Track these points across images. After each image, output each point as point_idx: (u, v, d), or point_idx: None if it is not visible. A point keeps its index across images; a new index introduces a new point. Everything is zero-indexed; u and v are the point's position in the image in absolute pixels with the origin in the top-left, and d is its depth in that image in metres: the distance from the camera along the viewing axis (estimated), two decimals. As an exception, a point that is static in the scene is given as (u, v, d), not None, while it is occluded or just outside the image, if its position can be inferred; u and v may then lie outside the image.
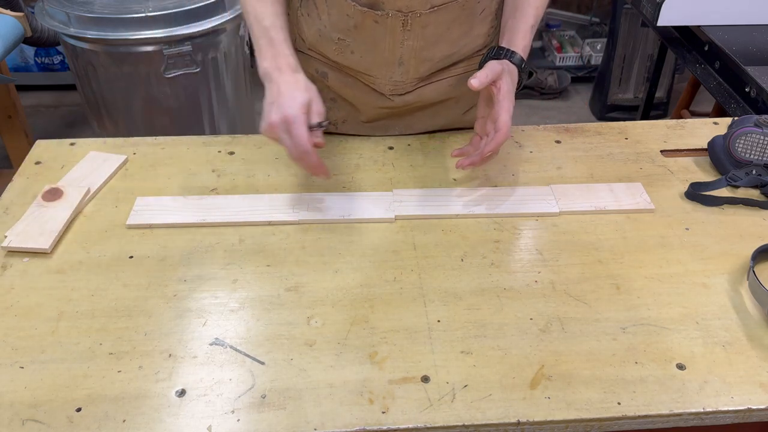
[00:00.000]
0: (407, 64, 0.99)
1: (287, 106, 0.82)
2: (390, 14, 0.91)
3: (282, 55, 0.88)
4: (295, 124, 0.82)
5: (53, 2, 1.84)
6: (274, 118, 0.83)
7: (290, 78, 0.86)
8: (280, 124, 0.83)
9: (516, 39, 0.93)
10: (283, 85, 0.85)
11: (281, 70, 0.86)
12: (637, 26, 2.71)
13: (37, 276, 0.82)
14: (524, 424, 0.66)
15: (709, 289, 0.81)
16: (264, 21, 0.89)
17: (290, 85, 0.85)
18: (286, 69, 0.87)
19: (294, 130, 0.82)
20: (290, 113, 0.82)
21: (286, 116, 0.82)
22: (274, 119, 0.83)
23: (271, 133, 0.84)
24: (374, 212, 0.92)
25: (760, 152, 0.97)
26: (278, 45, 0.88)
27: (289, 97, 0.83)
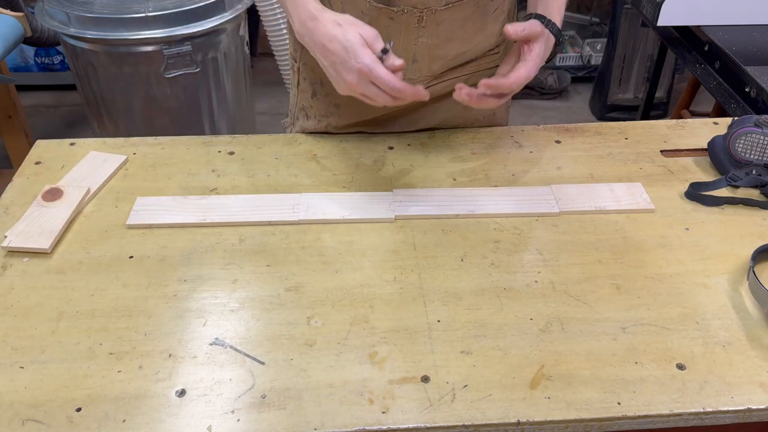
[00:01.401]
0: (421, 61, 0.99)
1: (353, 60, 0.78)
2: (405, 11, 0.91)
3: (304, 4, 0.83)
4: (373, 71, 0.77)
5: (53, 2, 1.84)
6: (351, 80, 0.79)
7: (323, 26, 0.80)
8: (361, 82, 0.78)
9: (552, 10, 0.90)
10: (326, 41, 0.80)
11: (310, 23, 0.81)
12: (637, 26, 2.71)
13: (37, 276, 0.82)
14: (524, 424, 0.66)
15: (709, 289, 0.81)
16: None
17: (330, 34, 0.80)
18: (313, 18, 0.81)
19: (377, 77, 0.78)
20: (361, 65, 0.77)
21: (359, 70, 0.78)
22: (351, 81, 0.79)
23: (356, 92, 0.80)
24: (374, 212, 0.92)
25: (760, 152, 0.97)
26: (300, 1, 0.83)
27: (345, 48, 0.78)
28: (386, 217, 0.91)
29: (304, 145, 1.08)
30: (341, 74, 0.80)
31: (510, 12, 1.03)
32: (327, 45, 0.80)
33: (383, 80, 0.78)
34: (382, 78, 0.78)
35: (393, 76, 0.78)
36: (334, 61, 0.80)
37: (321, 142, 1.08)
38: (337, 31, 0.80)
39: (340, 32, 0.80)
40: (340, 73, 0.80)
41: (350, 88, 0.80)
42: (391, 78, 0.78)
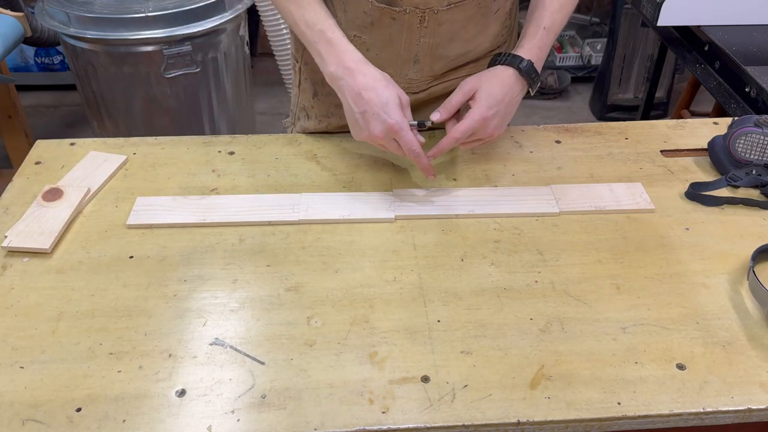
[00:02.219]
0: (422, 62, 0.99)
1: (386, 115, 0.84)
2: (407, 11, 0.91)
3: (346, 52, 0.87)
4: (402, 131, 0.84)
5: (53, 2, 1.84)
6: (377, 131, 0.85)
7: (364, 76, 0.85)
8: (386, 136, 0.85)
9: (523, 42, 0.93)
10: (364, 90, 0.84)
11: (350, 70, 0.86)
12: (637, 26, 2.71)
13: (37, 276, 0.82)
14: (524, 424, 0.66)
15: (709, 289, 0.81)
16: (317, 25, 0.88)
17: (370, 85, 0.85)
18: (355, 66, 0.86)
19: (403, 137, 0.84)
20: (393, 122, 0.84)
21: (390, 126, 0.84)
22: (377, 132, 0.85)
23: (374, 142, 0.87)
24: (374, 212, 0.92)
25: (760, 152, 0.97)
26: (338, 44, 0.87)
27: (382, 102, 0.84)
28: (386, 217, 0.91)
29: (304, 145, 1.08)
30: (369, 123, 0.85)
31: (511, 12, 1.03)
32: (363, 94, 0.84)
33: (408, 142, 0.85)
34: (407, 140, 0.85)
35: (415, 140, 0.85)
36: (366, 111, 0.85)
37: (321, 142, 1.08)
38: (378, 85, 0.85)
39: (381, 86, 0.85)
40: (369, 122, 0.85)
41: (372, 137, 0.86)
42: (414, 143, 0.85)
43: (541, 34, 0.92)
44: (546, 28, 0.92)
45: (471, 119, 0.88)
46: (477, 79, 0.90)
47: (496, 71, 0.91)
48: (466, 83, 0.90)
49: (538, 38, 0.92)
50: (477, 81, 0.90)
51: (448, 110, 0.90)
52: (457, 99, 0.90)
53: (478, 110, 0.88)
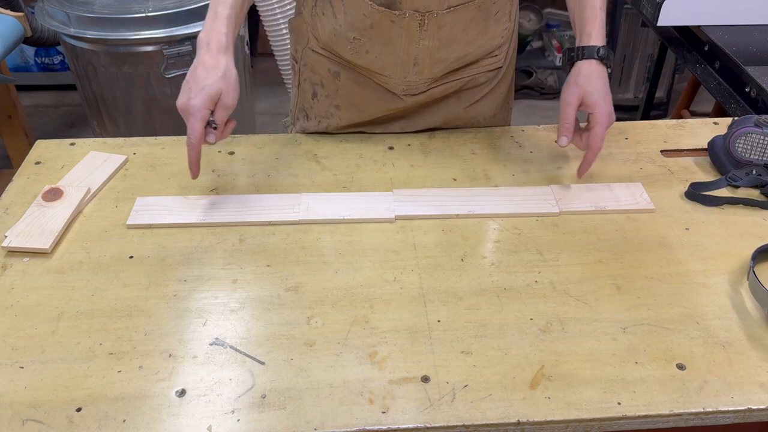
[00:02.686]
0: (422, 64, 0.99)
1: (194, 95, 0.85)
2: (407, 14, 0.91)
3: (215, 31, 0.88)
4: (193, 117, 0.85)
5: (53, 2, 1.84)
6: (179, 102, 0.86)
7: (212, 59, 0.87)
8: (184, 109, 0.85)
9: (585, 29, 0.94)
10: (200, 67, 0.86)
11: (209, 45, 0.87)
12: (637, 26, 2.71)
13: (37, 276, 0.82)
14: (524, 424, 0.66)
15: (709, 289, 0.81)
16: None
17: (207, 68, 0.86)
18: (213, 46, 0.87)
19: (190, 122, 0.85)
20: (193, 104, 0.85)
21: (186, 105, 0.85)
22: (179, 103, 0.86)
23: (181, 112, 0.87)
24: (374, 212, 0.92)
25: (760, 152, 0.97)
26: (218, 20, 0.89)
27: (201, 84, 0.85)
28: (386, 217, 0.91)
29: (304, 145, 1.08)
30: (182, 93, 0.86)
31: (511, 14, 1.02)
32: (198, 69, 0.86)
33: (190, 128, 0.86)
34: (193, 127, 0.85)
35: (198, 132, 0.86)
36: (188, 82, 0.86)
37: (321, 142, 1.08)
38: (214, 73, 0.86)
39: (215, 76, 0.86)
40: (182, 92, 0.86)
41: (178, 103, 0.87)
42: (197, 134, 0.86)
43: (599, 15, 0.94)
44: (600, 8, 0.94)
45: (601, 124, 0.90)
46: (576, 87, 0.92)
47: (584, 69, 0.92)
48: (570, 96, 0.92)
49: (599, 21, 0.93)
50: (578, 89, 0.92)
51: (571, 130, 0.92)
52: (572, 115, 0.92)
53: (601, 112, 0.90)
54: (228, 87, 0.87)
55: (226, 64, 0.87)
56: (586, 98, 0.91)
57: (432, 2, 0.90)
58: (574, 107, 0.92)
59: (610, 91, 0.93)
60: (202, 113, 0.85)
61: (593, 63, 0.91)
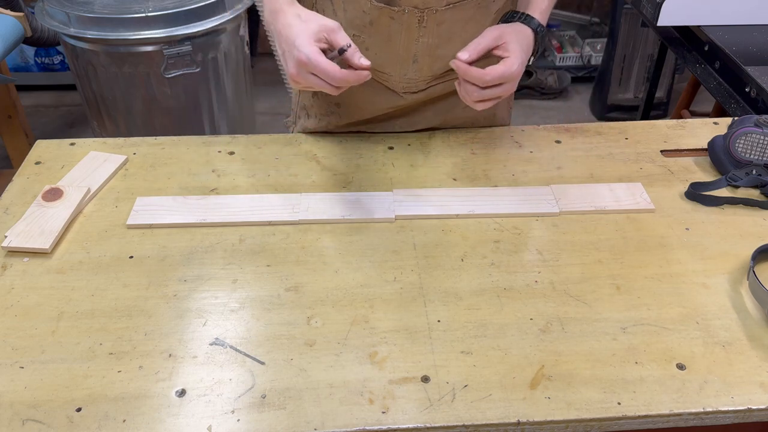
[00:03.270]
0: (421, 61, 0.99)
1: (296, 50, 0.79)
2: (406, 11, 0.91)
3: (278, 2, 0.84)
4: (311, 62, 0.78)
5: (53, 2, 1.84)
6: (292, 70, 0.80)
7: (285, 15, 0.82)
8: (300, 72, 0.79)
9: (532, 4, 0.92)
10: (283, 28, 0.81)
11: (276, 12, 0.83)
12: (637, 26, 2.71)
13: (37, 276, 0.82)
14: (524, 424, 0.66)
15: (709, 289, 0.81)
16: None
17: (288, 22, 0.81)
18: (280, 8, 0.83)
19: (314, 66, 0.78)
20: (300, 55, 0.78)
21: (299, 60, 0.79)
22: (292, 71, 0.80)
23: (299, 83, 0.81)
24: (374, 212, 0.92)
25: (760, 152, 0.97)
26: None
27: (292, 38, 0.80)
28: (386, 217, 0.91)
29: (304, 145, 1.08)
30: (287, 63, 0.81)
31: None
32: (282, 32, 0.81)
33: (322, 70, 0.78)
34: (321, 68, 0.78)
35: (332, 66, 0.78)
36: (285, 50, 0.81)
37: (321, 142, 1.08)
38: (294, 21, 0.81)
39: (296, 23, 0.81)
40: (287, 62, 0.81)
41: (291, 78, 0.81)
42: (330, 68, 0.78)
43: (547, 3, 0.92)
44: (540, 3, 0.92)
45: (507, 66, 0.84)
46: (504, 27, 0.88)
47: (518, 27, 0.89)
48: (493, 30, 0.87)
49: (547, 4, 0.92)
50: (505, 29, 0.87)
51: (477, 52, 0.86)
52: (486, 43, 0.86)
53: (514, 59, 0.85)
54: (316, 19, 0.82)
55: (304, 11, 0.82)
56: (507, 43, 0.86)
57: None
58: (493, 39, 0.86)
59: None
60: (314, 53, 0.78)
61: (528, 30, 0.89)
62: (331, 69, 0.78)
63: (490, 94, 0.86)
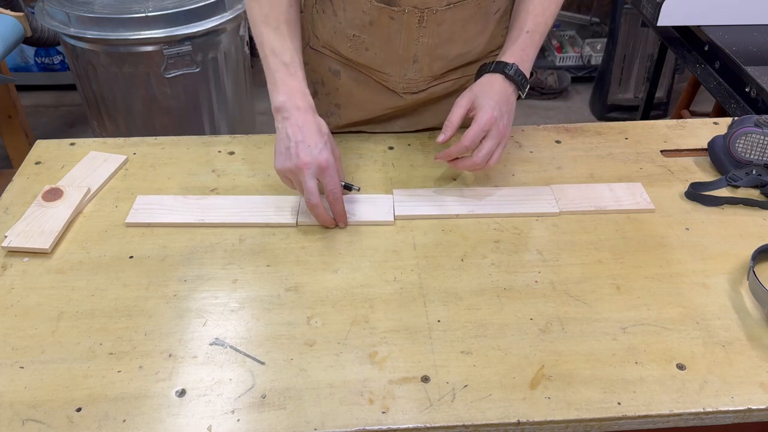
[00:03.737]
0: (421, 61, 0.99)
1: (318, 151, 0.83)
2: (406, 11, 0.91)
3: (301, 93, 0.88)
4: (330, 170, 0.84)
5: (53, 2, 1.84)
6: (306, 160, 0.83)
7: (312, 119, 0.86)
8: (312, 168, 0.83)
9: (507, 46, 0.93)
10: (305, 126, 0.85)
11: (300, 108, 0.86)
12: (637, 26, 2.71)
13: (37, 276, 0.82)
14: (524, 424, 0.66)
15: (709, 289, 0.81)
16: (283, 56, 0.89)
17: (312, 128, 0.85)
18: (306, 108, 0.87)
19: (328, 176, 0.84)
20: (324, 158, 0.83)
21: (320, 162, 0.83)
22: (306, 160, 0.83)
23: (297, 173, 0.84)
24: (374, 215, 0.92)
25: (760, 152, 0.97)
26: (298, 81, 0.88)
27: (319, 142, 0.84)
28: (386, 220, 0.91)
29: (304, 145, 1.07)
30: (300, 152, 0.83)
31: (510, 12, 1.02)
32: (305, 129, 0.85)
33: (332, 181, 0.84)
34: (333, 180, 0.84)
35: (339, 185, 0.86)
36: (301, 142, 0.84)
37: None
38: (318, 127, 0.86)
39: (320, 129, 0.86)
40: (300, 151, 0.83)
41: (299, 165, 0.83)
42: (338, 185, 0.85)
43: (524, 37, 0.92)
44: (529, 31, 0.92)
45: (478, 124, 0.86)
46: (470, 92, 0.90)
47: (485, 80, 0.91)
48: (462, 98, 0.90)
49: (521, 41, 0.92)
50: (471, 93, 0.90)
51: (451, 129, 0.88)
52: (458, 115, 0.89)
53: (483, 114, 0.86)
54: (334, 142, 0.89)
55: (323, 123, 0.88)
56: (475, 101, 0.89)
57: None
58: (463, 108, 0.89)
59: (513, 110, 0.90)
60: (336, 166, 0.85)
61: (498, 77, 0.90)
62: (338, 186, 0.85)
63: (486, 149, 0.88)
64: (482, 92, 0.89)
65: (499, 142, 0.88)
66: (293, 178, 0.86)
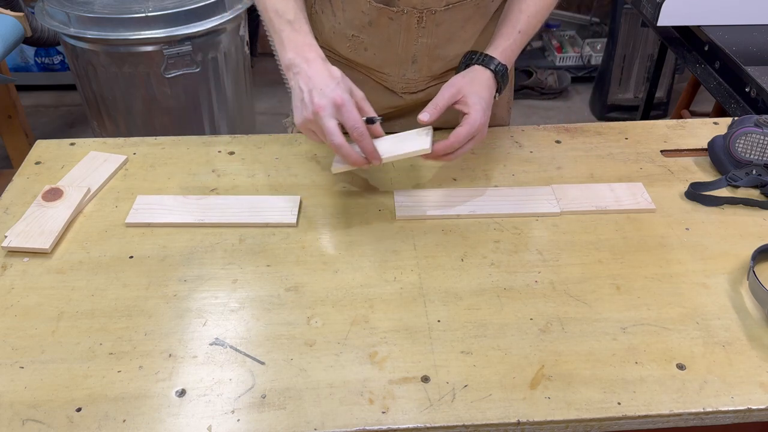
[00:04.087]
0: (420, 62, 0.99)
1: (331, 90, 0.79)
2: (405, 11, 0.91)
3: (309, 45, 0.84)
4: (346, 106, 0.78)
5: (53, 2, 1.84)
6: (320, 102, 0.78)
7: (322, 67, 0.82)
8: (328, 108, 0.78)
9: (495, 42, 0.92)
10: (317, 74, 0.81)
11: (309, 59, 0.82)
12: (637, 26, 2.71)
13: (37, 276, 0.82)
14: (524, 424, 0.66)
15: (709, 289, 0.81)
16: (287, 14, 0.86)
17: (323, 73, 0.81)
18: (315, 58, 0.83)
19: (346, 112, 0.78)
20: (339, 95, 0.78)
21: (334, 99, 0.78)
22: (320, 103, 0.78)
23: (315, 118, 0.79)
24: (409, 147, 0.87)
25: (760, 152, 0.97)
26: (304, 36, 0.85)
27: (331, 83, 0.79)
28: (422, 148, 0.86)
29: (304, 145, 1.08)
30: (314, 98, 0.79)
31: None
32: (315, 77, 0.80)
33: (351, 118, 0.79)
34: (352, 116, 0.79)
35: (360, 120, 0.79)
36: (313, 89, 0.80)
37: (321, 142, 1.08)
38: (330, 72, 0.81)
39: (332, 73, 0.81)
40: (314, 98, 0.79)
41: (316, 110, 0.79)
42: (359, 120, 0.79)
43: (515, 37, 0.92)
44: (521, 31, 0.92)
45: (470, 125, 0.85)
46: (461, 79, 0.88)
47: (476, 73, 0.89)
48: (452, 85, 0.88)
49: (512, 41, 0.92)
50: (462, 82, 0.88)
51: (437, 111, 0.87)
52: (445, 100, 0.87)
53: (476, 115, 0.85)
54: (351, 83, 0.83)
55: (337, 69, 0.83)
56: (465, 97, 0.87)
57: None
58: (451, 95, 0.87)
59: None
60: (351, 101, 0.79)
61: (487, 72, 0.89)
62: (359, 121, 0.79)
63: (467, 149, 0.87)
64: (474, 87, 0.88)
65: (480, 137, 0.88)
66: (315, 128, 0.81)
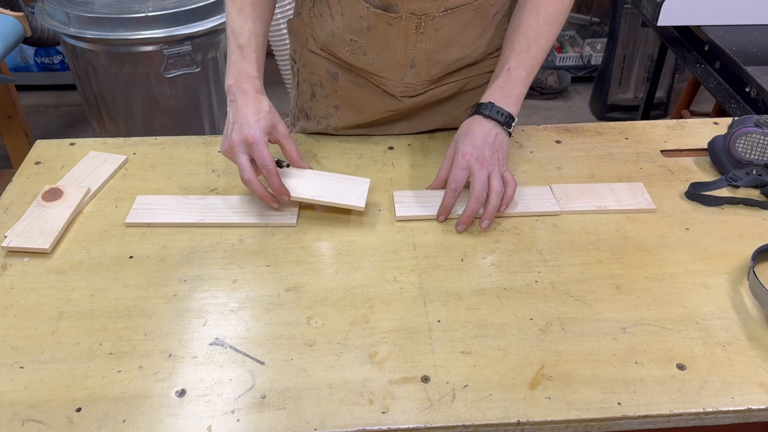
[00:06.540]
0: (419, 66, 0.98)
1: (248, 128, 0.85)
2: (403, 17, 0.91)
3: (247, 76, 0.89)
4: (256, 145, 0.85)
5: (53, 2, 1.84)
6: (236, 138, 0.86)
7: (252, 100, 0.88)
8: (241, 145, 0.85)
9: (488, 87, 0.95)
10: (244, 107, 0.87)
11: (244, 90, 0.88)
12: (637, 26, 2.71)
13: (37, 276, 0.82)
14: (524, 424, 0.66)
15: (709, 289, 0.81)
16: (240, 38, 0.91)
17: (251, 107, 0.87)
18: (250, 90, 0.88)
19: (256, 151, 0.85)
20: (251, 134, 0.85)
21: (246, 137, 0.85)
22: (236, 139, 0.86)
23: (231, 153, 0.87)
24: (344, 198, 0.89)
25: (760, 152, 0.97)
26: (249, 64, 0.90)
27: (251, 120, 0.86)
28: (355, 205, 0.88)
29: (304, 145, 1.08)
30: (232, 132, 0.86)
31: (509, 13, 1.02)
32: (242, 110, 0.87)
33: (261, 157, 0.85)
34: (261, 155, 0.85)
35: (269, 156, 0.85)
36: (236, 122, 0.86)
37: (321, 142, 1.08)
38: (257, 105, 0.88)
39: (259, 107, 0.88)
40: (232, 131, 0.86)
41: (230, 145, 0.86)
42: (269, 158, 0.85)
43: (503, 75, 0.94)
44: (510, 68, 0.94)
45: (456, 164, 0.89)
46: (453, 143, 0.94)
47: (464, 127, 0.93)
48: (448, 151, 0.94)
49: (501, 80, 0.94)
50: (453, 144, 0.93)
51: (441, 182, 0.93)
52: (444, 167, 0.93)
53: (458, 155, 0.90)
54: (277, 118, 0.89)
55: (268, 103, 0.89)
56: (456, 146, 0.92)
57: (428, 5, 0.90)
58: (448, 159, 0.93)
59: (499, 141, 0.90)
60: (265, 140, 0.86)
61: (476, 118, 0.93)
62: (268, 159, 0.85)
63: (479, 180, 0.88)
64: (460, 137, 0.92)
65: (490, 170, 0.89)
66: (232, 159, 0.88)
